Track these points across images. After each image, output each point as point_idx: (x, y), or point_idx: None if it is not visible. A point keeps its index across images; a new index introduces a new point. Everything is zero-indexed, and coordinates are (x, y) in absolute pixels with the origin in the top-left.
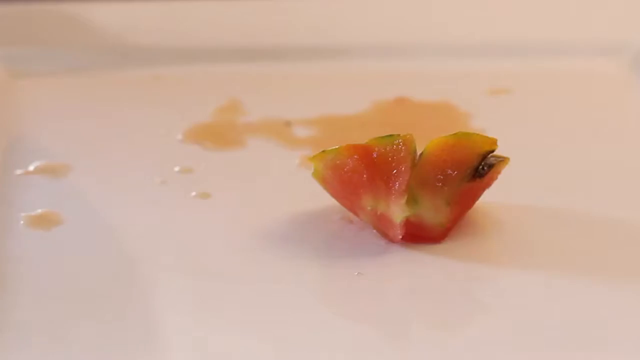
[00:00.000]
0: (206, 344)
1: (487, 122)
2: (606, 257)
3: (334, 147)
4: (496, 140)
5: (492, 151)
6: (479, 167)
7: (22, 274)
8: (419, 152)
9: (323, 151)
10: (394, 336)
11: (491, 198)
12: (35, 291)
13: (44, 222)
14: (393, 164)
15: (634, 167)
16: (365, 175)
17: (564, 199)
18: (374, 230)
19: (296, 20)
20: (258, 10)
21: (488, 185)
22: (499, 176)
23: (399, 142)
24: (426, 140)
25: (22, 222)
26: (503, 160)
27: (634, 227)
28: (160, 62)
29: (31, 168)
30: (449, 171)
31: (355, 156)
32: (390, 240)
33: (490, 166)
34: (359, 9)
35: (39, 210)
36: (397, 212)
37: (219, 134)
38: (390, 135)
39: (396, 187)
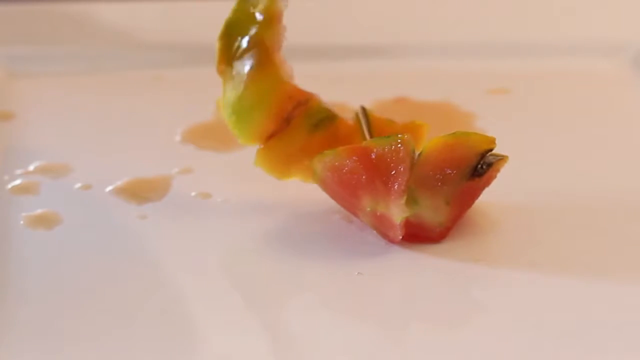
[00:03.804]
0: (206, 343)
1: (487, 122)
2: (606, 257)
3: (332, 149)
4: (494, 138)
5: (491, 150)
6: (477, 166)
7: (22, 274)
8: (417, 152)
9: (322, 153)
10: (394, 336)
11: (491, 198)
12: (35, 291)
13: (44, 222)
14: (392, 165)
15: (634, 166)
16: (364, 177)
17: (564, 199)
18: (374, 231)
19: (296, 20)
20: None
21: (487, 184)
22: (498, 176)
23: (397, 143)
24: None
25: (22, 222)
26: (502, 158)
27: (634, 227)
28: (160, 62)
29: (31, 168)
30: (448, 170)
31: (354, 157)
32: (390, 240)
33: (489, 165)
34: (358, 9)
35: (39, 210)
36: (397, 212)
37: (219, 134)
38: (389, 136)
39: (395, 187)
